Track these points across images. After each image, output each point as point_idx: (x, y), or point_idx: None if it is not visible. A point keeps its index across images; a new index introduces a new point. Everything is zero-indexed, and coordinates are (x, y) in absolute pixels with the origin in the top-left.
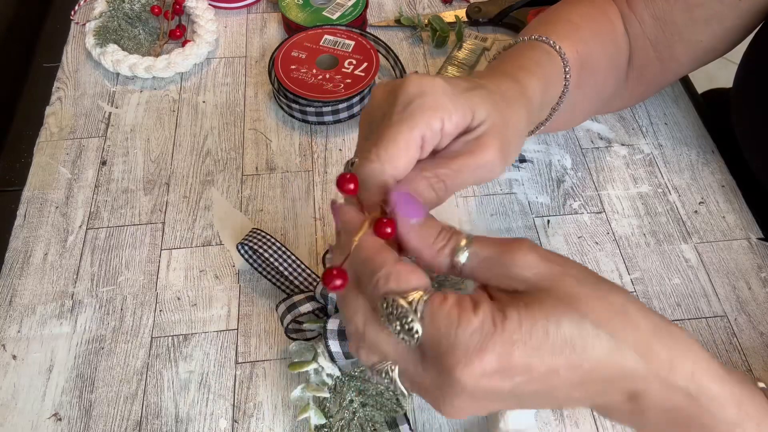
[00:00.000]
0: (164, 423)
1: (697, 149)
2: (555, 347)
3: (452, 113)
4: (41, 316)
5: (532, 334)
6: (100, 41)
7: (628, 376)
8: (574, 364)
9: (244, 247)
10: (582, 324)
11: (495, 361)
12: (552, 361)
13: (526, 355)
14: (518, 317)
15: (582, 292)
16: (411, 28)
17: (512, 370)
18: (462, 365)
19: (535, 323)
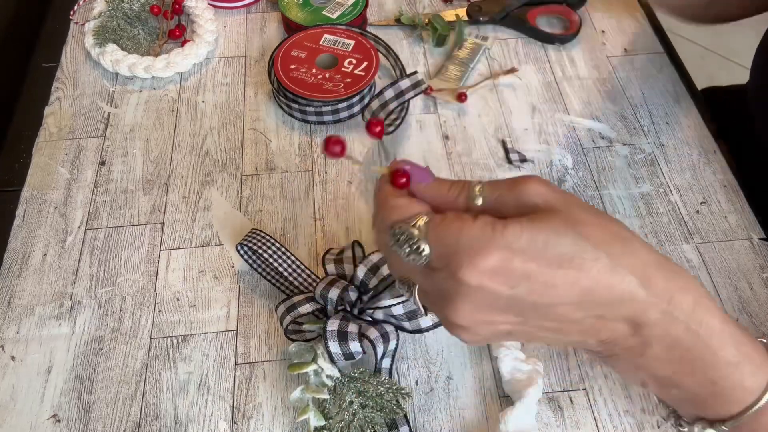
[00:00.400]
0: (163, 424)
1: (698, 149)
2: (553, 259)
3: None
4: (40, 317)
5: (532, 243)
6: (99, 41)
7: (626, 300)
8: (572, 279)
9: (244, 247)
10: (582, 243)
11: (495, 261)
12: (550, 273)
13: (524, 261)
14: (520, 227)
15: (586, 217)
16: (411, 27)
17: (512, 273)
18: (465, 264)
19: (535, 234)
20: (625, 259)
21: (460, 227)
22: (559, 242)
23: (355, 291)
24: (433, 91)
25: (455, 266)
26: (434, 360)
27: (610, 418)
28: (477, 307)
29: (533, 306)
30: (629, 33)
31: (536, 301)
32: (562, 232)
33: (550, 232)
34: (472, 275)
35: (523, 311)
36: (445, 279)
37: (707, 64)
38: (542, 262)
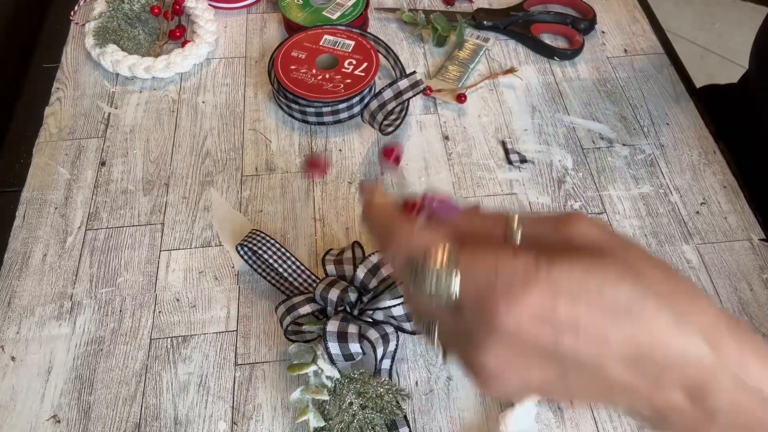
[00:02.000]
0: (163, 425)
1: (698, 149)
2: (608, 309)
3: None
4: (40, 317)
5: (583, 286)
6: (99, 41)
7: (691, 363)
8: (628, 333)
9: (244, 248)
10: (642, 292)
11: (538, 303)
12: (603, 324)
13: (573, 307)
14: (570, 264)
15: (646, 264)
16: (411, 26)
17: (557, 319)
18: (502, 305)
19: (588, 276)
20: (692, 316)
21: (496, 261)
22: (616, 289)
23: (355, 292)
24: (433, 91)
25: (489, 307)
26: (434, 361)
27: (610, 419)
28: (511, 357)
29: (578, 361)
30: (629, 33)
31: (582, 355)
32: (620, 277)
33: (605, 275)
34: (510, 318)
35: (565, 366)
36: (475, 320)
37: (707, 64)
38: (594, 309)
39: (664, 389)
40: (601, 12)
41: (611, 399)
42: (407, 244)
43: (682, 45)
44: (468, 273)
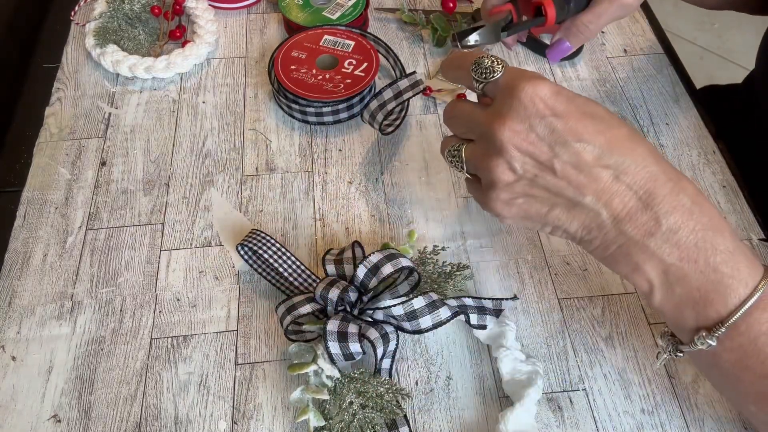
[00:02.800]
0: (164, 425)
1: (698, 149)
2: (586, 113)
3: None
4: (41, 317)
5: (575, 97)
6: (99, 42)
7: (644, 164)
8: (599, 128)
9: (244, 248)
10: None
11: (547, 89)
12: (582, 119)
13: (567, 100)
14: (569, 91)
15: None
16: (412, 26)
17: (556, 102)
18: (525, 84)
19: (576, 95)
20: (642, 143)
21: (524, 70)
22: (595, 108)
23: (355, 291)
24: (432, 91)
25: (518, 85)
26: (434, 360)
27: (610, 419)
28: (522, 126)
29: (563, 140)
30: (629, 33)
31: (567, 134)
32: (599, 106)
33: (587, 99)
34: (528, 90)
35: (555, 143)
36: (504, 99)
37: (707, 65)
38: (579, 107)
39: (622, 187)
40: None
41: (582, 192)
42: (472, 56)
43: (681, 45)
44: (509, 70)
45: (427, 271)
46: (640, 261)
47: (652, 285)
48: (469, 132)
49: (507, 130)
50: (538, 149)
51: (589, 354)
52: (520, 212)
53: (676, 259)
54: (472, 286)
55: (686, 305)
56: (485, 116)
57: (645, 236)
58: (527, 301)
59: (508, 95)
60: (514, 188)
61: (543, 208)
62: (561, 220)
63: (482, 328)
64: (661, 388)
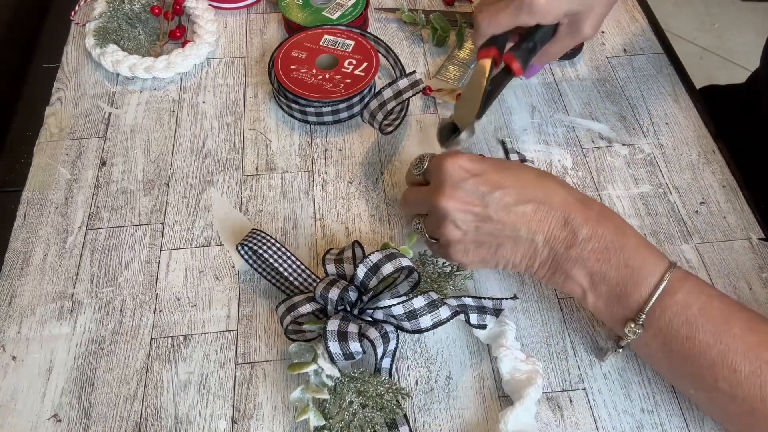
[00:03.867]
0: (164, 424)
1: (698, 149)
2: (497, 166)
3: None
4: (41, 317)
5: (484, 158)
6: (100, 42)
7: (568, 203)
8: (512, 174)
9: (244, 247)
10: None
11: (463, 158)
12: (497, 170)
13: (480, 162)
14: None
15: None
16: (412, 26)
17: (473, 166)
18: (446, 159)
19: (486, 158)
20: (550, 177)
21: (443, 153)
22: (503, 162)
23: (355, 291)
24: (432, 91)
25: (441, 164)
26: (434, 360)
27: (610, 418)
28: (453, 191)
29: (488, 192)
30: (629, 33)
31: (489, 186)
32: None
33: (496, 159)
34: (448, 164)
35: (482, 196)
36: (435, 177)
37: (706, 64)
38: (490, 165)
39: (546, 211)
40: None
41: (515, 228)
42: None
43: (681, 45)
44: (435, 156)
45: (426, 271)
46: (569, 269)
47: (584, 289)
48: (422, 209)
49: (444, 198)
50: (472, 205)
51: (589, 354)
52: (475, 257)
53: (594, 261)
54: (472, 285)
55: (613, 301)
56: (427, 194)
57: (567, 248)
58: (527, 301)
59: (436, 173)
60: (465, 240)
61: (491, 249)
62: (508, 255)
63: (482, 327)
64: (660, 388)
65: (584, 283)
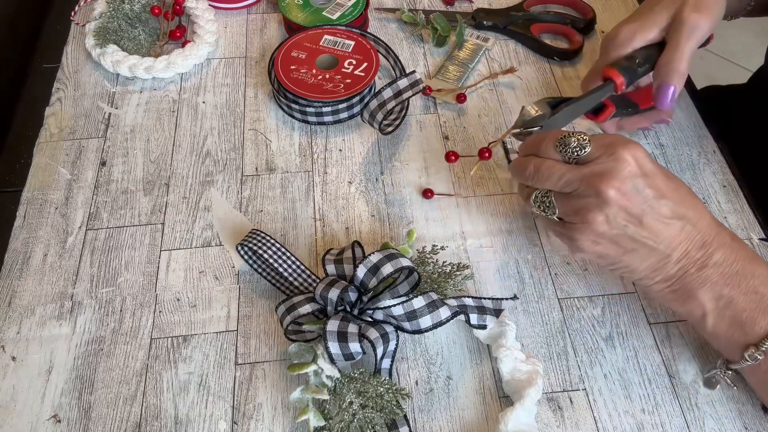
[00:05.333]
0: (164, 424)
1: (698, 149)
2: (663, 172)
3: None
4: (40, 317)
5: (651, 158)
6: (100, 42)
7: (703, 229)
8: (673, 186)
9: (244, 248)
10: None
11: (641, 151)
12: (663, 176)
13: (651, 161)
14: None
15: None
16: (412, 26)
17: (646, 163)
18: (623, 147)
19: (651, 157)
20: (696, 198)
21: (611, 136)
22: (663, 168)
23: (354, 291)
24: (433, 91)
25: (615, 151)
26: (434, 360)
27: (610, 418)
28: (622, 185)
29: (652, 197)
30: None
31: (655, 191)
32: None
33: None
34: (625, 154)
35: (646, 199)
36: (605, 162)
37: (707, 65)
38: (658, 169)
39: (689, 229)
40: (601, 12)
41: (660, 239)
42: (557, 134)
43: None
44: (595, 137)
45: (427, 271)
46: (695, 290)
47: (705, 311)
48: (561, 188)
49: (611, 189)
50: (633, 204)
51: (589, 354)
52: (600, 250)
53: (723, 285)
54: (472, 286)
55: (735, 326)
56: (584, 176)
57: (699, 269)
58: (527, 301)
59: (610, 158)
60: (604, 234)
61: (620, 251)
62: (635, 263)
63: (482, 328)
64: (661, 388)
65: (708, 305)
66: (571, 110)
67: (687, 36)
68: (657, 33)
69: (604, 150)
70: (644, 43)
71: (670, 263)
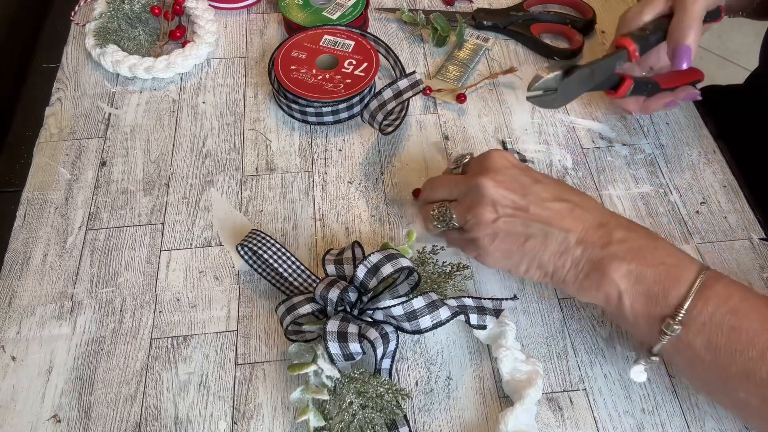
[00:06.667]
0: (164, 425)
1: (698, 149)
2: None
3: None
4: (41, 317)
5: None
6: (100, 42)
7: (588, 206)
8: (550, 179)
9: (244, 248)
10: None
11: (508, 153)
12: (535, 171)
13: (520, 162)
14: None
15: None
16: (412, 26)
17: (515, 161)
18: (492, 151)
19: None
20: (584, 195)
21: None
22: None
23: (354, 292)
24: (433, 91)
25: (487, 154)
26: (434, 360)
27: (610, 418)
28: (498, 176)
29: (529, 183)
30: None
31: (530, 178)
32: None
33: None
34: (495, 154)
35: (523, 186)
36: (480, 163)
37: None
38: (528, 167)
39: (578, 211)
40: (601, 12)
41: (552, 223)
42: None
43: None
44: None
45: (426, 271)
46: (606, 267)
47: (620, 291)
48: (452, 194)
49: (487, 179)
50: (512, 191)
51: (589, 354)
52: (502, 246)
53: (631, 259)
54: (472, 286)
55: (651, 300)
56: (466, 178)
57: (603, 247)
58: (527, 301)
59: (480, 161)
60: (497, 225)
61: (519, 240)
62: (536, 249)
63: (482, 328)
64: (661, 388)
65: (622, 284)
66: (586, 76)
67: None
68: (663, 4)
69: (478, 157)
70: (653, 15)
71: (571, 245)
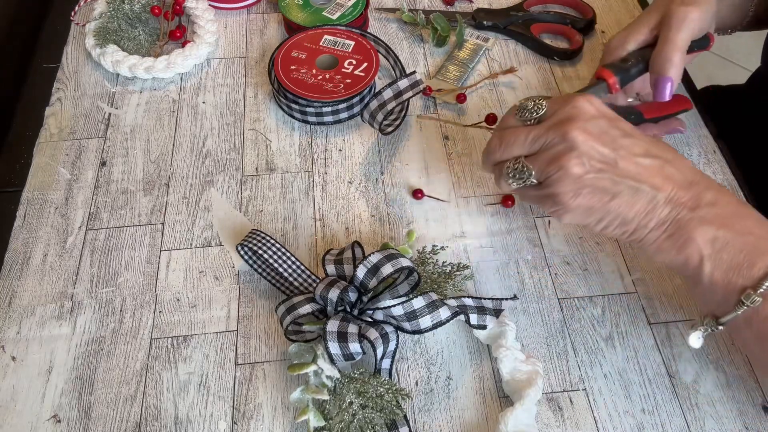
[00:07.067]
0: (164, 425)
1: (698, 149)
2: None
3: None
4: (40, 317)
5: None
6: (100, 42)
7: (681, 164)
8: (639, 131)
9: (244, 248)
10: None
11: (596, 99)
12: (624, 121)
13: (608, 108)
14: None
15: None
16: (412, 26)
17: (603, 108)
18: (577, 97)
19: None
20: (673, 150)
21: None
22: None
23: (354, 291)
24: (433, 91)
25: (571, 100)
26: (434, 360)
27: (610, 418)
28: (587, 125)
29: (619, 136)
30: None
31: (619, 130)
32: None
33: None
34: (581, 100)
35: (613, 138)
36: (564, 110)
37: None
38: (617, 115)
39: (671, 169)
40: (601, 12)
41: (643, 180)
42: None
43: None
44: (551, 98)
45: (427, 271)
46: (692, 230)
47: (702, 256)
48: (530, 148)
49: (576, 129)
50: (602, 143)
51: (589, 354)
52: (584, 202)
53: (719, 226)
54: (472, 286)
55: (733, 270)
56: (548, 127)
57: (691, 209)
58: (527, 301)
59: (565, 108)
60: (582, 180)
61: (605, 198)
62: (622, 208)
63: (482, 328)
64: (661, 388)
65: (705, 249)
66: None
67: (677, 27)
68: (648, 33)
69: (561, 103)
70: (637, 45)
71: (659, 204)
